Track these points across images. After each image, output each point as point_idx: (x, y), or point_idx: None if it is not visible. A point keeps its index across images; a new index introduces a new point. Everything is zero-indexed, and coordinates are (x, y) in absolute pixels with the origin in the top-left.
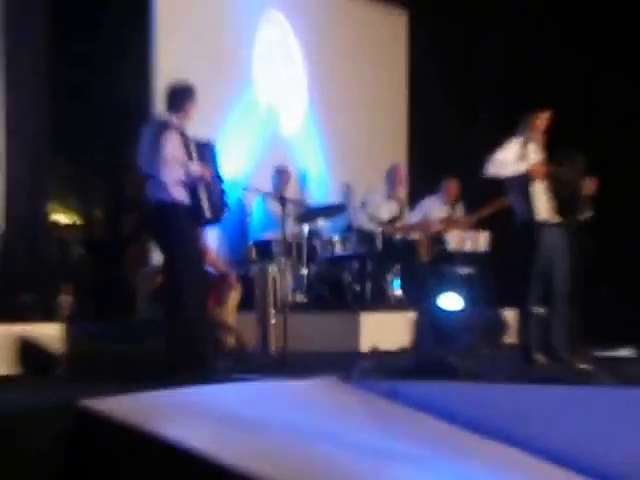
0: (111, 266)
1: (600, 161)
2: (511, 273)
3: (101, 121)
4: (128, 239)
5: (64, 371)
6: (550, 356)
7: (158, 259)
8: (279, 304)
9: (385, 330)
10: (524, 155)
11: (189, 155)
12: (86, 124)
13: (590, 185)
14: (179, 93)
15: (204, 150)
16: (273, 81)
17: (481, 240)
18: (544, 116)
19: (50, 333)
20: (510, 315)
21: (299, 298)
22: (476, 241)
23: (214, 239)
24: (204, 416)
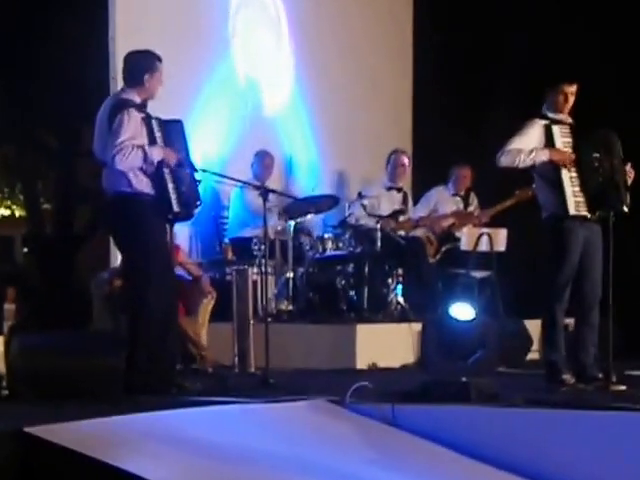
0: (62, 268)
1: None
2: (534, 277)
3: (51, 99)
4: (82, 236)
5: (7, 392)
6: (578, 374)
7: (118, 260)
8: (260, 313)
9: (385, 344)
10: (548, 140)
11: (151, 138)
12: (33, 102)
13: (628, 173)
14: (136, 64)
15: (170, 130)
16: (254, 50)
17: (499, 238)
18: (570, 89)
19: None
20: (534, 327)
21: (284, 306)
22: (493, 239)
23: (184, 237)
24: (169, 446)
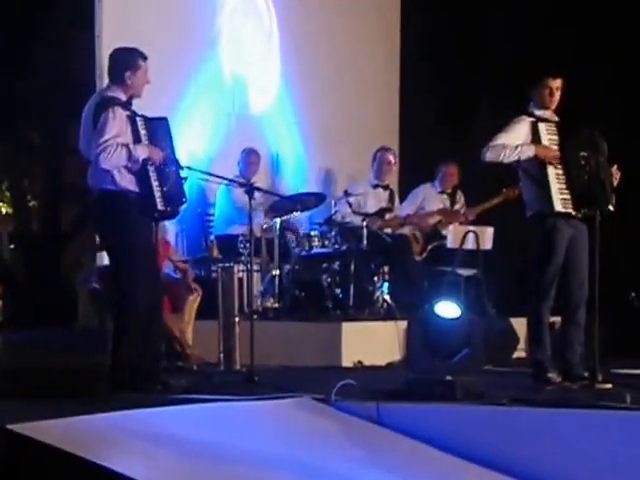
0: (49, 265)
1: (626, 147)
2: (521, 275)
3: (37, 97)
4: (68, 233)
5: None
6: (564, 373)
7: (104, 257)
8: (246, 311)
9: (371, 342)
10: (535, 137)
11: (136, 135)
12: (19, 100)
13: (614, 174)
14: (118, 61)
15: (155, 127)
16: (241, 48)
17: (485, 236)
18: (555, 84)
19: None
20: (520, 325)
21: (270, 303)
22: (479, 237)
23: (170, 234)
24: (153, 444)
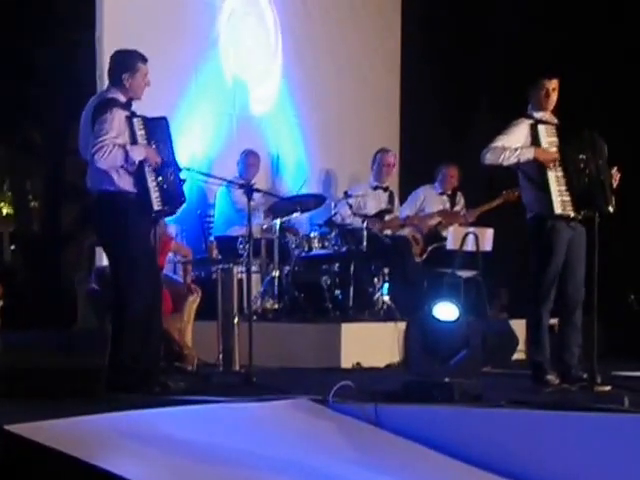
0: (49, 265)
1: (627, 148)
2: (520, 277)
3: (39, 97)
4: (69, 234)
5: None
6: (563, 375)
7: (103, 258)
8: (245, 312)
9: (370, 343)
10: (534, 139)
11: (133, 136)
12: (21, 101)
13: (614, 175)
14: (116, 63)
15: (154, 127)
16: (242, 49)
17: (485, 238)
18: (551, 85)
19: None
20: (520, 327)
21: (269, 305)
22: (479, 239)
23: (171, 229)
24: (151, 445)
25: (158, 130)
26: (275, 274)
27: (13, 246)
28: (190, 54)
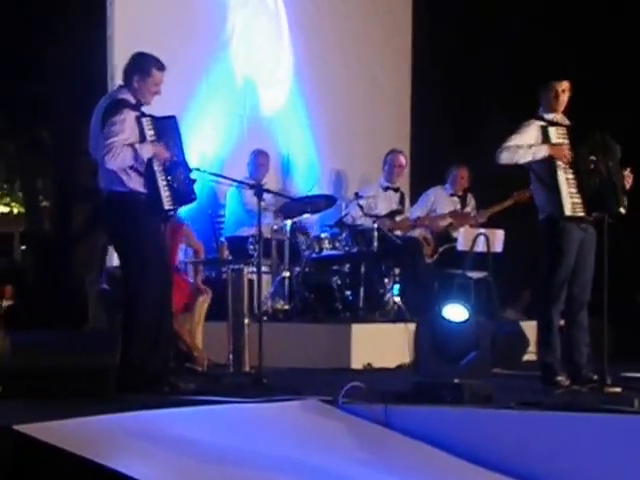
0: (60, 265)
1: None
2: (531, 278)
3: (50, 96)
4: (80, 234)
5: (2, 390)
6: (573, 376)
7: (114, 258)
8: (255, 312)
9: (380, 344)
10: (545, 140)
11: (142, 136)
12: (32, 100)
13: (627, 177)
14: (130, 64)
15: (163, 126)
16: (252, 49)
17: (496, 239)
18: (561, 87)
19: None
20: (530, 328)
21: (279, 305)
22: (490, 240)
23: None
24: (160, 446)
25: (167, 129)
26: (285, 275)
27: (24, 246)
28: (201, 55)
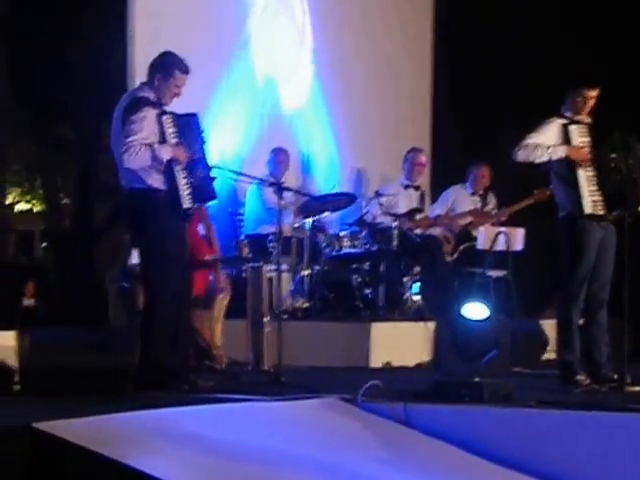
0: (80, 263)
1: None
2: (551, 277)
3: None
4: (100, 231)
5: (22, 387)
6: (593, 375)
7: (135, 256)
8: (275, 310)
9: (400, 343)
10: (565, 139)
11: (163, 135)
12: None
13: None
14: (156, 62)
15: (184, 124)
16: (273, 47)
17: (516, 238)
18: (591, 94)
19: (6, 343)
20: (550, 327)
21: (299, 303)
22: (510, 239)
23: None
24: (179, 444)
25: (189, 127)
26: (305, 273)
27: (44, 244)
28: (222, 53)
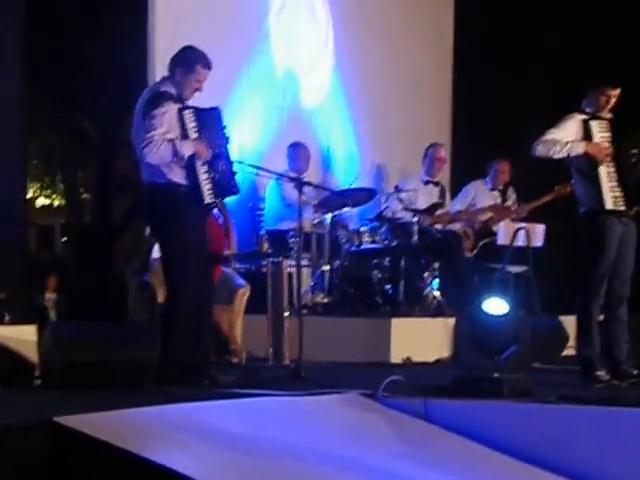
0: (101, 257)
1: None
2: (572, 273)
3: (92, 89)
4: (120, 226)
5: (42, 381)
6: (613, 371)
7: (155, 250)
8: (295, 305)
9: (420, 338)
10: (586, 134)
11: (184, 129)
12: (73, 92)
13: None
14: (177, 56)
15: (206, 118)
16: (293, 41)
17: (536, 233)
18: (613, 93)
19: (26, 337)
20: (570, 323)
21: (319, 299)
22: (530, 235)
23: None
24: (199, 438)
25: (210, 121)
26: (325, 268)
27: (64, 238)
28: (242, 47)
